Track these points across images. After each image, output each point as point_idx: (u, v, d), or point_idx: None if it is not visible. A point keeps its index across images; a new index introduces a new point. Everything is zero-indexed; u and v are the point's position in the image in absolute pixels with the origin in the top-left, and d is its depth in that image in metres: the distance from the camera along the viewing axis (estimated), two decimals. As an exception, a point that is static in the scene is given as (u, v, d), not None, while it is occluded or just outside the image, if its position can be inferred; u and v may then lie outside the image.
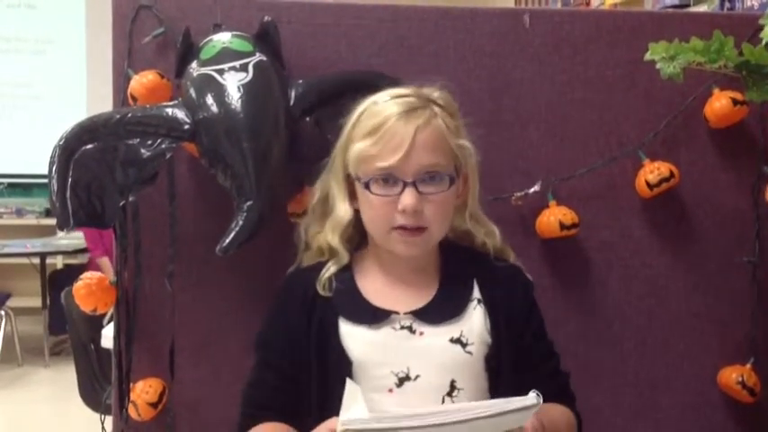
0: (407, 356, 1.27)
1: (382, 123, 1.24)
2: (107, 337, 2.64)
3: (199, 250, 1.54)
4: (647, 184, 1.59)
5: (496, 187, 1.60)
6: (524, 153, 1.63)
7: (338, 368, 1.26)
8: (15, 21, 6.60)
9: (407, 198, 1.24)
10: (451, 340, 1.28)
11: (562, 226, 1.56)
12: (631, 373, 1.68)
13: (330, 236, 1.34)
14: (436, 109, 1.29)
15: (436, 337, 1.29)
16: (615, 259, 1.65)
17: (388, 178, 1.25)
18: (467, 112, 1.58)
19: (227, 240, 1.38)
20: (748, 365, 1.65)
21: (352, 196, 1.33)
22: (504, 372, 1.30)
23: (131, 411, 1.53)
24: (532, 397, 1.06)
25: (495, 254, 1.39)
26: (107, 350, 2.90)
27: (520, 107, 1.63)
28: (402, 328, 1.29)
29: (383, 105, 1.27)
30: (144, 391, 1.53)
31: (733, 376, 1.64)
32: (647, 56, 1.38)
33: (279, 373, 1.32)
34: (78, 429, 3.82)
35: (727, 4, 2.50)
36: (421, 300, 1.32)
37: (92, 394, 3.05)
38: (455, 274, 1.35)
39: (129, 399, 1.53)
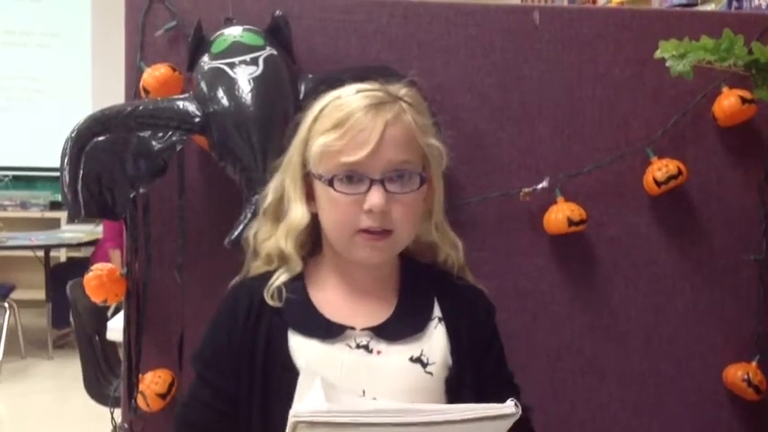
0: (363, 378, 1.18)
1: (348, 116, 1.15)
2: (112, 330, 2.65)
3: (208, 242, 1.55)
4: (655, 181, 1.59)
5: (505, 183, 1.61)
6: (533, 149, 1.63)
7: (285, 385, 1.15)
8: (21, 14, 6.63)
9: (374, 197, 1.14)
10: (411, 359, 1.20)
11: (570, 222, 1.57)
12: (637, 369, 1.68)
13: (283, 241, 1.24)
14: (405, 105, 1.20)
15: (395, 355, 1.20)
16: (622, 256, 1.66)
17: (354, 175, 1.16)
18: (476, 107, 1.61)
19: (236, 233, 1.38)
20: (754, 363, 1.66)
21: (309, 198, 1.23)
22: (465, 397, 1.19)
23: (140, 402, 1.53)
24: (510, 405, 0.98)
25: (458, 271, 1.30)
26: (112, 343, 2.92)
27: (529, 103, 1.63)
28: (358, 347, 1.20)
29: (348, 99, 1.18)
30: (153, 382, 1.54)
31: (738, 374, 1.64)
32: (658, 53, 1.38)
33: (216, 392, 1.22)
34: (81, 421, 3.85)
35: (734, 4, 2.50)
36: (378, 315, 1.23)
37: (96, 387, 3.06)
38: (415, 289, 1.26)
39: (138, 390, 1.54)
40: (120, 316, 1.60)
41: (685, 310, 1.68)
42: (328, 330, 1.20)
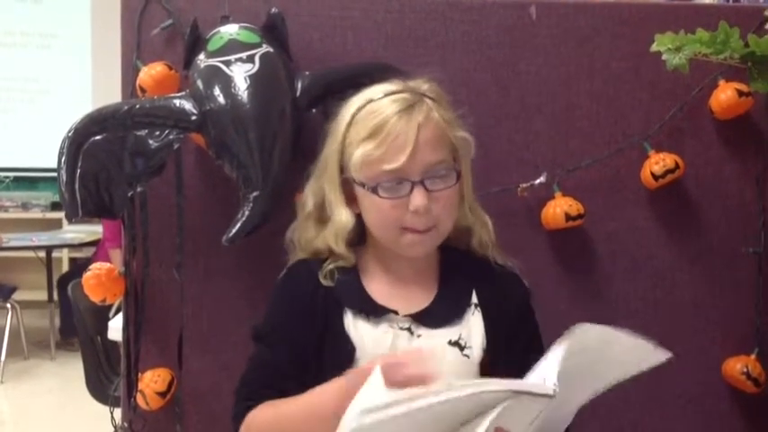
0: None
1: (382, 124, 1.21)
2: (114, 329, 2.65)
3: (206, 240, 1.56)
4: (653, 175, 1.59)
5: (502, 179, 1.61)
6: (530, 144, 1.63)
7: (339, 355, 1.26)
8: (21, 15, 6.63)
9: (418, 198, 1.22)
10: (450, 343, 1.28)
11: (568, 217, 1.57)
12: (636, 363, 1.68)
13: (333, 242, 1.31)
14: (430, 103, 1.26)
15: (434, 339, 1.28)
16: (620, 250, 1.66)
17: (396, 180, 1.22)
18: (473, 103, 1.60)
19: (234, 230, 1.39)
20: (753, 356, 1.66)
21: (349, 199, 1.30)
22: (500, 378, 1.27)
23: (140, 401, 1.54)
24: (549, 386, 0.98)
25: (492, 251, 1.37)
26: (114, 342, 2.92)
27: (526, 99, 1.63)
28: (401, 329, 1.28)
29: (379, 104, 1.24)
30: (152, 381, 1.54)
31: (737, 367, 1.64)
32: (653, 47, 1.38)
33: (278, 357, 1.29)
34: (84, 421, 3.85)
35: (732, -4, 2.49)
36: (420, 302, 1.31)
37: (98, 386, 3.06)
38: (454, 277, 1.34)
39: (137, 388, 1.54)
40: (122, 316, 1.61)
41: (684, 304, 1.68)
42: (375, 311, 1.29)
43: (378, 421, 0.97)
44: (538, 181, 1.60)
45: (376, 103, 1.25)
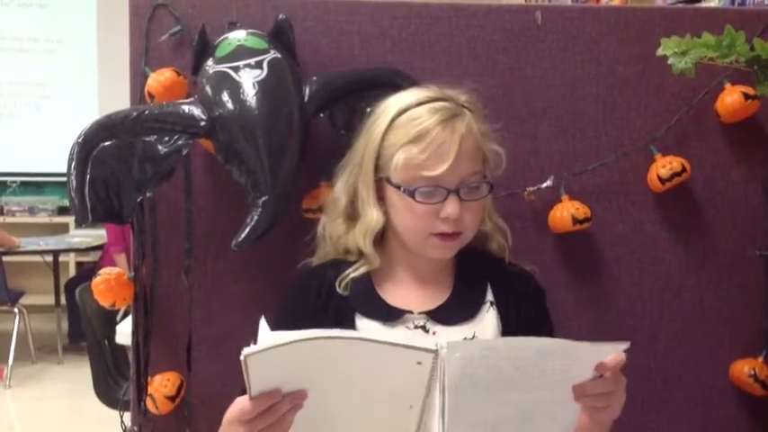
0: None
1: (426, 131, 1.24)
2: (121, 333, 2.67)
3: (215, 245, 1.57)
4: (659, 178, 1.59)
5: (509, 183, 1.61)
6: (537, 148, 1.64)
7: None
8: (27, 20, 6.65)
9: (451, 207, 1.25)
10: (465, 340, 1.29)
11: (575, 220, 1.57)
12: (644, 366, 1.68)
13: (362, 240, 1.33)
14: (470, 115, 1.29)
15: (450, 336, 1.28)
16: (627, 253, 1.66)
17: (432, 187, 1.25)
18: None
19: (243, 235, 1.39)
20: (760, 359, 1.66)
21: (379, 200, 1.32)
22: None
23: (149, 405, 1.54)
24: (432, 347, 1.06)
25: (508, 255, 1.40)
26: (121, 346, 2.94)
27: (532, 103, 1.64)
28: (416, 327, 1.31)
29: (420, 110, 1.27)
30: (162, 385, 1.55)
31: (745, 369, 1.64)
32: (659, 51, 1.39)
33: None
34: (93, 425, 3.86)
35: None
36: (435, 300, 1.33)
37: (106, 390, 3.07)
38: (469, 277, 1.37)
39: (147, 392, 1.55)
40: (129, 320, 1.62)
41: (691, 307, 1.68)
42: (389, 314, 1.31)
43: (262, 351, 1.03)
44: (545, 185, 1.60)
45: (418, 109, 1.27)
